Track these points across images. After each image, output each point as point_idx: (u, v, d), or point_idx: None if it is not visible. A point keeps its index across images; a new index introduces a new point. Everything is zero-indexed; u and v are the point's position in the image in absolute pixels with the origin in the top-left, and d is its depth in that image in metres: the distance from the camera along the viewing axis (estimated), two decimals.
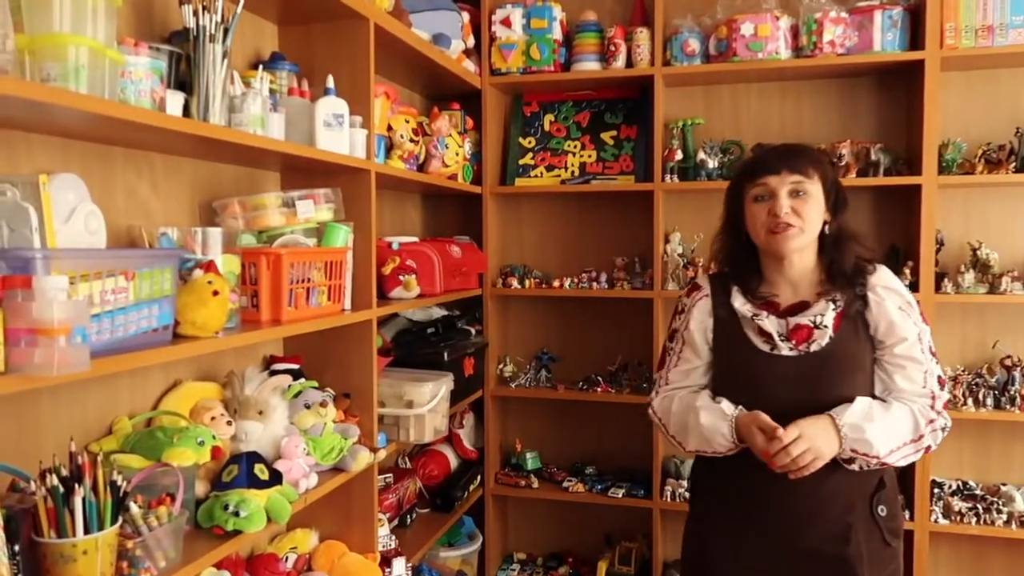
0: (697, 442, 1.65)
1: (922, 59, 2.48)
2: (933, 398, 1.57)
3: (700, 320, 1.71)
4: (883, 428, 1.51)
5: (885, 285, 1.60)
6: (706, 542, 1.74)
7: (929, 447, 1.57)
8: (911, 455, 1.56)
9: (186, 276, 1.44)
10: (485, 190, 2.95)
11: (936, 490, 2.68)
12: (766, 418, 1.51)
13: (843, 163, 2.59)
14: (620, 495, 2.84)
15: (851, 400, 1.54)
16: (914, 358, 1.57)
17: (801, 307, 1.62)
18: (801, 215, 1.57)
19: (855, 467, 1.54)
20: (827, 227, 1.63)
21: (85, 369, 1.07)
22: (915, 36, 2.56)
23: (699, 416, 1.62)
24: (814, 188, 1.59)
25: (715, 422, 1.59)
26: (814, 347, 1.57)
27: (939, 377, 1.59)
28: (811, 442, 1.48)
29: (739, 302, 1.66)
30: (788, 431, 1.48)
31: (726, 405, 1.60)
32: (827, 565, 1.57)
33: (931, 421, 1.56)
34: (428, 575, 2.52)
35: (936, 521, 2.57)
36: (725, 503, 1.69)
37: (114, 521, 1.22)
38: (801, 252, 1.62)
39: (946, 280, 2.58)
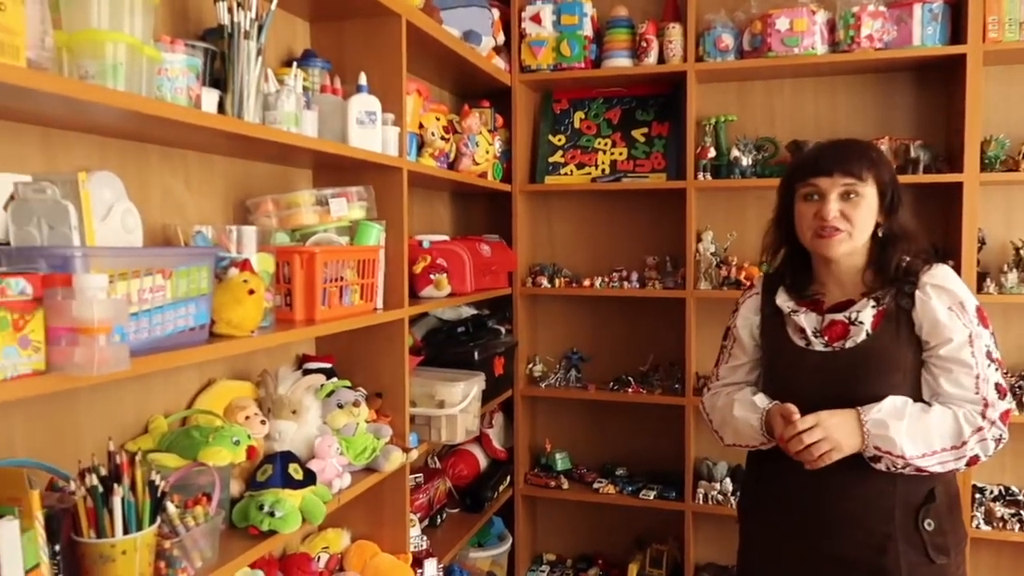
0: (733, 435, 1.69)
1: (964, 53, 2.42)
2: (985, 405, 1.47)
3: (747, 317, 1.74)
4: (914, 429, 1.45)
5: (936, 283, 1.52)
6: (748, 542, 1.74)
7: (976, 457, 1.48)
8: (951, 462, 1.47)
9: (221, 275, 1.43)
10: (515, 188, 2.92)
11: (977, 496, 2.61)
12: (789, 406, 1.52)
13: None
14: (651, 497, 2.81)
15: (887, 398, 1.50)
16: (962, 361, 1.48)
17: (845, 305, 1.58)
18: (851, 220, 1.53)
19: (881, 467, 1.48)
20: (880, 229, 1.58)
21: (125, 368, 1.06)
22: (956, 29, 2.50)
23: (734, 409, 1.65)
24: (867, 191, 1.53)
25: (747, 415, 1.63)
26: (848, 344, 1.54)
27: (997, 384, 1.49)
28: (828, 432, 1.45)
29: (781, 298, 1.65)
30: (805, 419, 1.47)
31: (760, 398, 1.62)
32: (863, 574, 1.53)
33: (979, 429, 1.46)
34: None
35: (977, 527, 2.51)
36: (765, 503, 1.68)
37: (152, 521, 1.21)
38: (850, 255, 1.57)
39: (988, 280, 2.52)
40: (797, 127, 2.79)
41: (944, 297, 1.51)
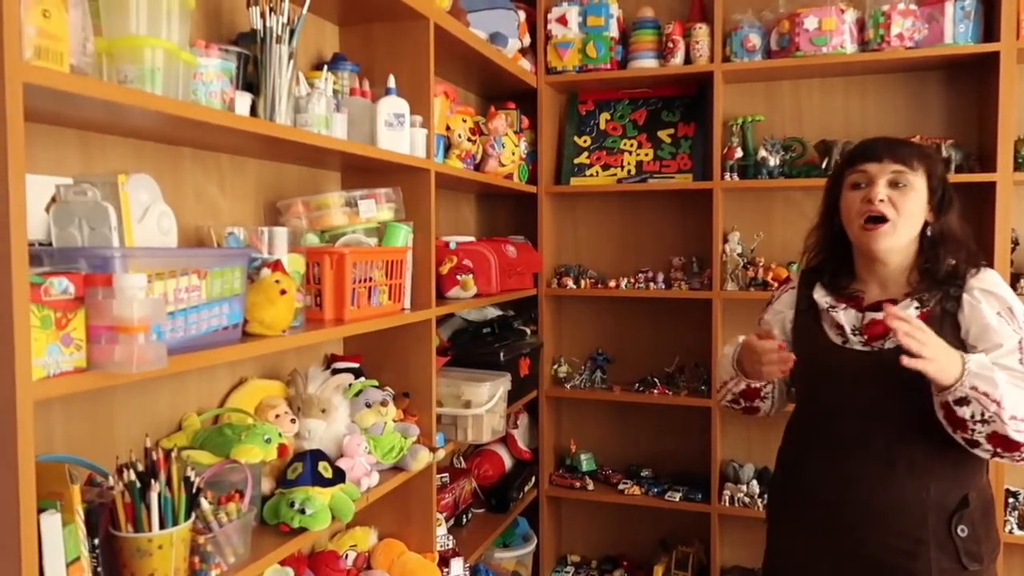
0: (720, 373, 1.75)
1: (997, 51, 2.39)
2: None
3: (780, 311, 1.74)
4: (1011, 385, 1.37)
5: (984, 288, 1.49)
6: (775, 542, 1.73)
7: None
8: (1020, 433, 1.35)
9: (254, 275, 1.46)
10: (540, 189, 2.93)
11: (1011, 500, 2.57)
12: (764, 332, 1.57)
13: None
14: (677, 499, 2.80)
15: (923, 405, 1.46)
16: (1012, 368, 1.41)
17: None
18: (898, 208, 1.50)
19: (965, 412, 1.36)
20: (929, 228, 1.54)
21: (163, 366, 1.08)
22: (989, 27, 2.46)
23: (723, 350, 1.73)
24: (917, 181, 1.51)
25: (728, 349, 1.69)
26: (888, 344, 1.50)
27: None
28: (932, 341, 1.35)
29: (819, 294, 1.63)
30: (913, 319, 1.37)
31: (742, 337, 1.64)
32: None
33: None
34: None
35: (1011, 532, 2.47)
36: (793, 503, 1.66)
37: (187, 516, 1.24)
38: (896, 252, 1.54)
39: (1022, 281, 2.48)
40: (825, 127, 2.77)
41: (993, 302, 1.48)
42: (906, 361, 1.34)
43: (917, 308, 1.51)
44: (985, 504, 1.54)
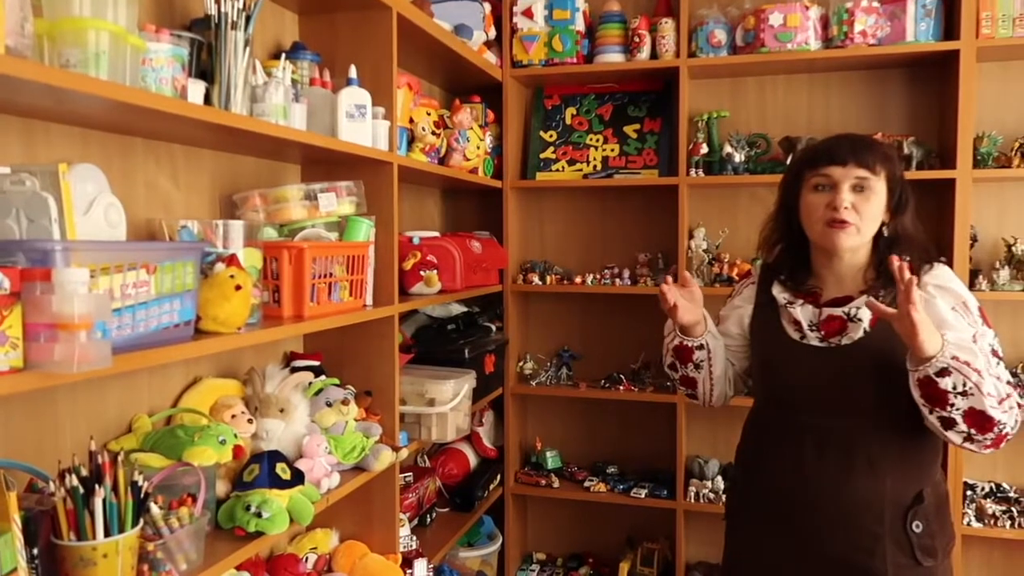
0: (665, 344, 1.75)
1: (957, 49, 2.42)
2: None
3: (739, 305, 1.76)
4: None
5: (938, 284, 1.51)
6: (735, 540, 1.73)
7: (1003, 424, 1.37)
8: (996, 409, 1.36)
9: (207, 270, 1.40)
10: (506, 184, 2.90)
11: (968, 492, 2.61)
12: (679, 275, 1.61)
13: None
14: (643, 495, 2.79)
15: (881, 401, 1.49)
16: None
17: (843, 301, 1.56)
18: (860, 213, 1.51)
19: (948, 383, 1.34)
20: (885, 228, 1.56)
21: (107, 366, 1.03)
22: (949, 25, 2.49)
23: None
24: (878, 185, 1.52)
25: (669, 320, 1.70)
26: (845, 340, 1.52)
27: (1008, 381, 1.43)
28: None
29: (777, 289, 1.64)
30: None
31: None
32: (851, 575, 1.51)
33: (1009, 396, 1.39)
34: None
35: (969, 524, 2.50)
36: (753, 501, 1.66)
37: (135, 523, 1.18)
38: (854, 251, 1.56)
39: (980, 277, 2.51)
40: (790, 123, 2.78)
41: (948, 297, 1.50)
42: (913, 311, 1.31)
43: None
44: (939, 499, 1.56)
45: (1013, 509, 2.51)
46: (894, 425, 1.50)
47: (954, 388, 1.36)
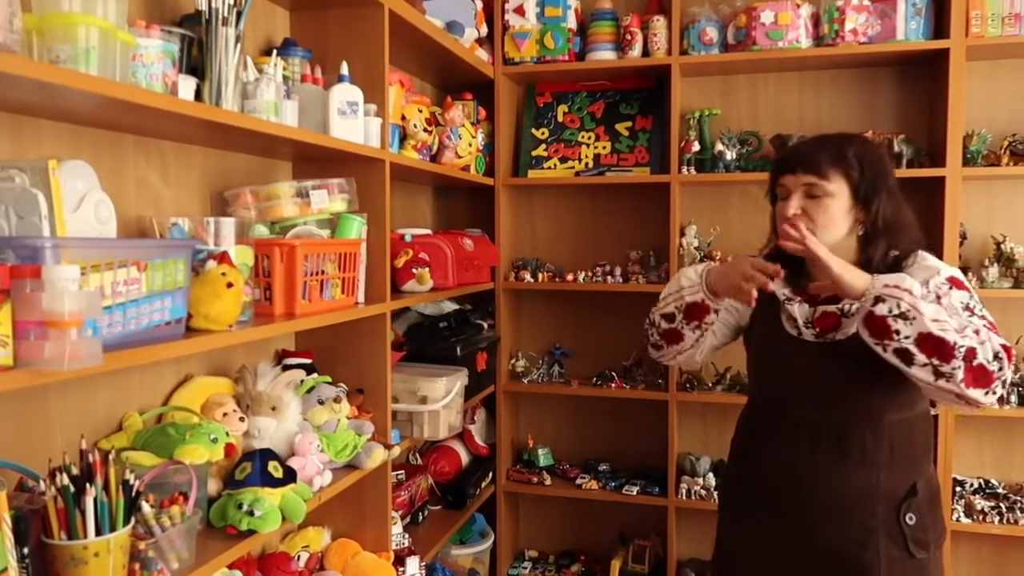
0: (670, 285, 1.68)
1: (947, 48, 2.43)
2: (977, 332, 1.37)
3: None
4: (928, 301, 1.38)
5: (920, 267, 1.52)
6: (727, 534, 1.74)
7: (962, 347, 1.34)
8: (951, 333, 1.34)
9: (199, 268, 1.39)
10: (497, 182, 2.89)
11: (958, 488, 2.63)
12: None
13: None
14: (634, 492, 2.80)
15: (874, 394, 1.50)
16: (952, 307, 1.42)
17: (837, 298, 1.56)
18: (815, 219, 1.51)
19: (883, 309, 1.36)
20: (861, 226, 1.54)
21: (97, 364, 1.02)
22: (939, 24, 2.51)
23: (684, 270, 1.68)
24: (833, 187, 1.50)
25: (693, 268, 1.64)
26: (839, 336, 1.53)
27: (1003, 345, 1.38)
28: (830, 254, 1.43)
29: (778, 285, 1.63)
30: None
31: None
32: (844, 567, 1.53)
33: (972, 328, 1.37)
34: (441, 574, 2.47)
35: (958, 520, 2.52)
36: (745, 495, 1.67)
37: (126, 522, 1.17)
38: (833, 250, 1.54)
39: (970, 274, 2.53)
40: (781, 121, 2.79)
41: (921, 275, 1.49)
42: (815, 248, 1.43)
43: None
44: (932, 492, 1.57)
45: (1002, 505, 2.53)
46: (887, 419, 1.52)
47: (891, 312, 1.36)
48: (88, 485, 1.13)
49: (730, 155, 2.69)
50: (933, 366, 1.36)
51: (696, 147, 2.70)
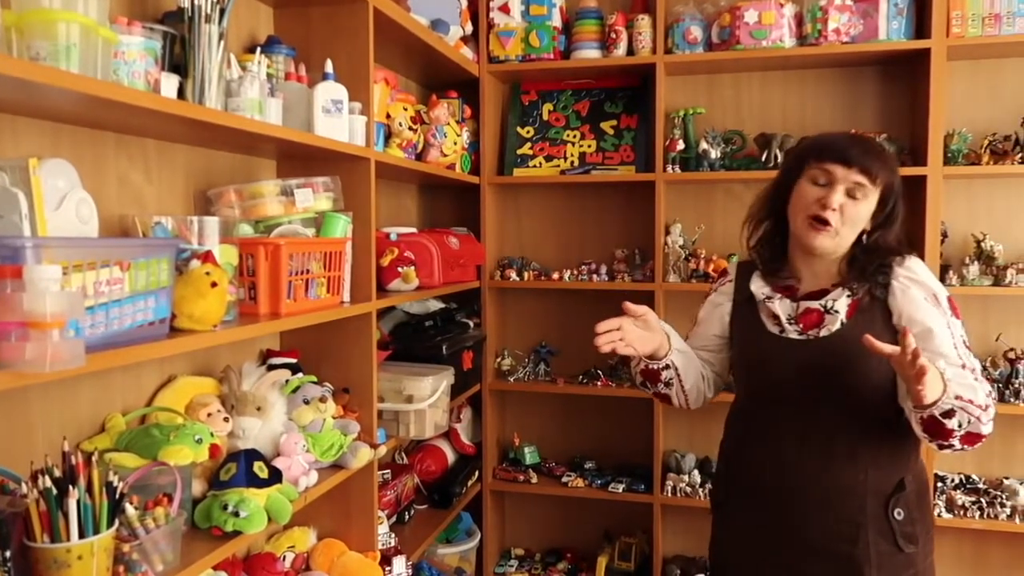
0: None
1: (928, 48, 2.45)
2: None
3: (719, 303, 1.75)
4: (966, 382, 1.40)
5: (911, 276, 1.53)
6: (721, 532, 1.74)
7: (987, 435, 1.41)
8: (986, 426, 1.39)
9: (182, 267, 1.38)
10: (483, 180, 2.89)
11: (939, 484, 2.66)
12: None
13: None
14: (620, 490, 2.81)
15: (860, 392, 1.50)
16: (944, 354, 1.46)
17: (819, 294, 1.58)
18: (846, 216, 1.50)
19: (953, 423, 1.36)
20: (866, 236, 1.55)
21: (80, 365, 1.01)
22: (921, 24, 2.53)
23: None
24: (872, 195, 1.51)
25: None
26: (823, 332, 1.54)
27: (977, 369, 1.46)
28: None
29: (756, 284, 1.64)
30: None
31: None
32: (834, 563, 1.54)
33: (989, 407, 1.41)
34: (428, 573, 2.47)
35: (939, 515, 2.55)
36: (737, 493, 1.68)
37: (110, 524, 1.16)
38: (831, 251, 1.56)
39: (950, 272, 2.56)
40: (765, 120, 2.80)
41: (921, 289, 1.52)
42: (921, 363, 1.29)
43: (848, 297, 1.55)
44: (920, 487, 1.58)
45: (982, 500, 2.56)
46: (874, 415, 1.53)
47: (959, 427, 1.38)
48: (71, 487, 1.11)
49: (714, 154, 2.70)
50: (939, 443, 1.43)
51: (681, 146, 2.72)
